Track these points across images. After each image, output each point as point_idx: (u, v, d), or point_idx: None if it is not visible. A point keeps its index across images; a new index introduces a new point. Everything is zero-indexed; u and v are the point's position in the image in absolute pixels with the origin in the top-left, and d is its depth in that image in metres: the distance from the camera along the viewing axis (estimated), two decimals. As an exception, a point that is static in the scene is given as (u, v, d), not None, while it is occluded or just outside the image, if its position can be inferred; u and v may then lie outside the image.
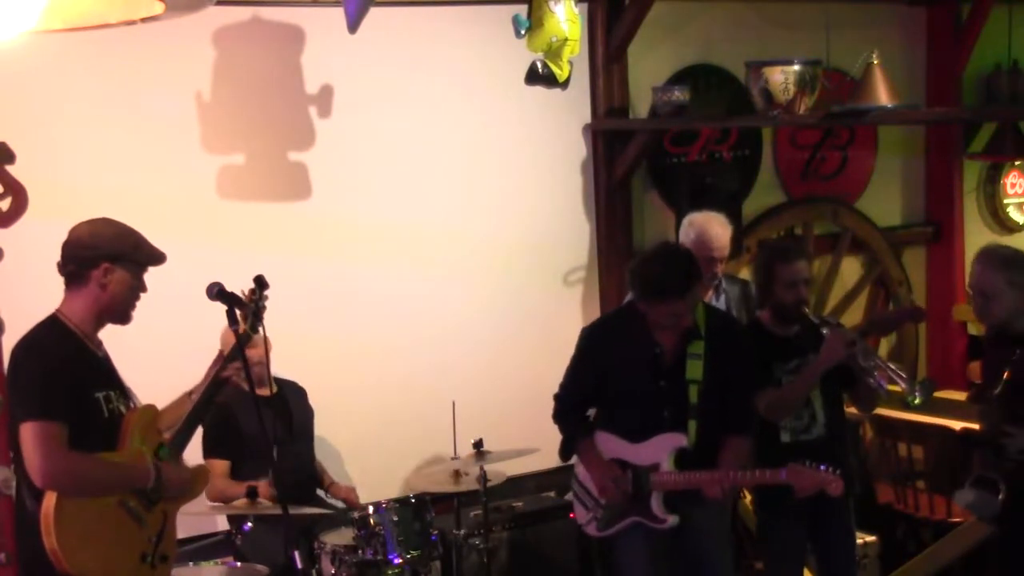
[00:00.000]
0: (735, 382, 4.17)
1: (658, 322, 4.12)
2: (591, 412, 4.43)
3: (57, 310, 3.42)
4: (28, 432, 3.17)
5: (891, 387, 4.35)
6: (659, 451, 4.11)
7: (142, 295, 3.51)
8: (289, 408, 4.98)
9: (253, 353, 4.78)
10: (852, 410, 4.70)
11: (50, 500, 3.21)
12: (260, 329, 3.77)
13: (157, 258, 3.51)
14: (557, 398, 4.44)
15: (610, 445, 4.22)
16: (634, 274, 4.17)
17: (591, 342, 4.35)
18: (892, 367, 4.37)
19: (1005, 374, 4.15)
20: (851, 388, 4.45)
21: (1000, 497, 4.09)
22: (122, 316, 3.48)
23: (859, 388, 4.41)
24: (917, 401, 4.28)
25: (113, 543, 3.33)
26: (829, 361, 4.25)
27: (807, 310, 4.38)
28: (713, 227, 4.90)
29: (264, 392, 4.88)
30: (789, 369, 4.35)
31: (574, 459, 4.40)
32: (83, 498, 3.28)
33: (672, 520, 4.13)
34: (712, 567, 4.27)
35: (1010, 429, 4.12)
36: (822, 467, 4.02)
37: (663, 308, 4.05)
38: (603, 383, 4.25)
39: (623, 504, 4.18)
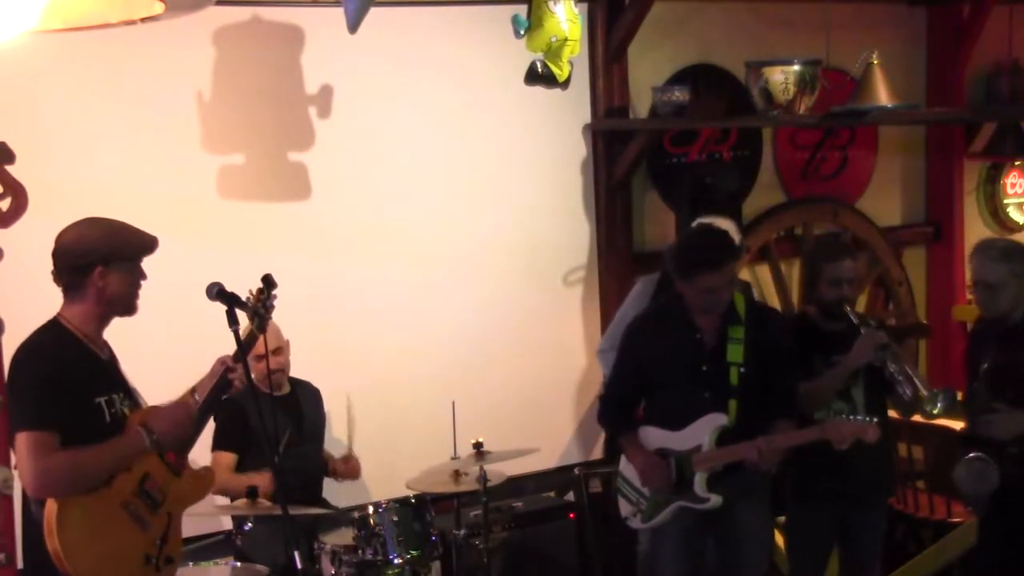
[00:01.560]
0: (777, 368, 4.26)
1: (697, 303, 4.21)
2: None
3: (58, 314, 3.39)
4: (21, 442, 3.14)
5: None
6: (700, 433, 4.21)
7: (144, 283, 3.47)
8: (301, 408, 4.99)
9: (277, 360, 4.80)
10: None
11: (52, 503, 3.19)
12: (267, 328, 3.76)
13: (148, 246, 3.47)
14: (601, 399, 4.58)
15: (652, 437, 4.32)
16: (671, 254, 4.30)
17: (633, 335, 4.45)
18: (919, 377, 4.40)
19: (991, 354, 4.23)
20: (890, 392, 4.49)
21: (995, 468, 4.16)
22: (127, 309, 3.46)
23: (895, 396, 4.46)
24: (936, 411, 4.31)
25: (116, 545, 3.31)
26: (857, 361, 4.35)
27: (848, 309, 4.41)
28: None
29: (278, 392, 4.90)
30: (830, 363, 4.39)
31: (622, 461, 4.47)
32: (84, 492, 3.24)
33: (715, 499, 4.21)
34: (747, 559, 4.34)
35: (997, 405, 4.18)
36: (857, 417, 4.10)
37: (699, 283, 4.14)
38: (647, 374, 4.34)
39: (667, 491, 4.26)
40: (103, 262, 3.35)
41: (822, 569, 4.63)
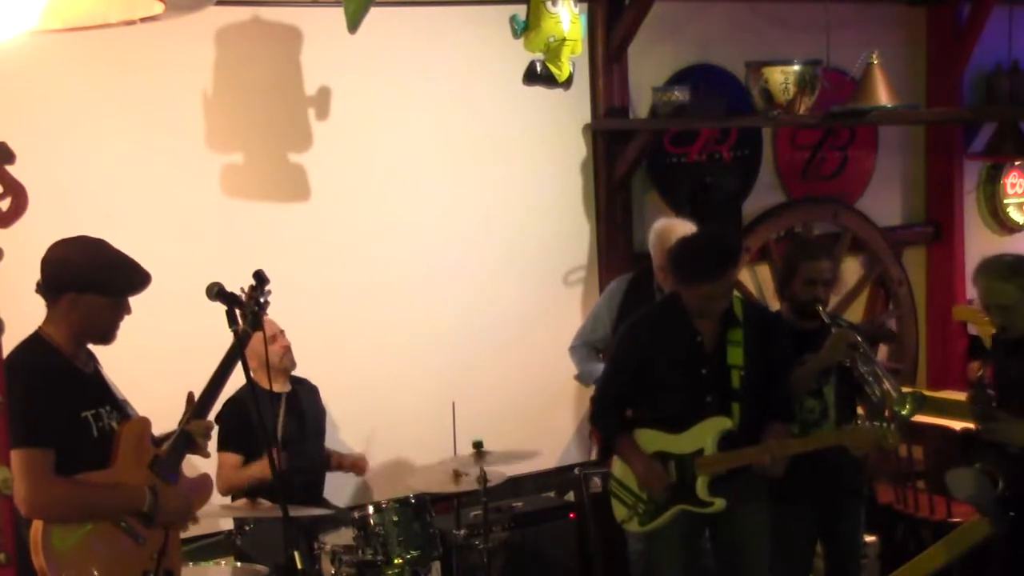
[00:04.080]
0: (774, 370, 4.25)
1: (696, 307, 4.18)
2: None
3: (40, 327, 3.34)
4: (14, 460, 3.02)
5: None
6: (702, 436, 4.19)
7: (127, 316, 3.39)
8: (302, 406, 5.00)
9: (278, 346, 4.79)
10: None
11: (38, 522, 3.13)
12: (261, 325, 3.71)
13: (135, 286, 3.37)
14: (594, 400, 4.52)
15: (652, 440, 4.27)
16: (672, 258, 4.25)
17: (631, 337, 4.40)
18: (889, 378, 4.39)
19: (993, 362, 4.24)
20: (859, 392, 4.48)
21: (999, 488, 4.14)
22: (100, 338, 3.38)
23: (864, 396, 4.45)
24: (905, 412, 4.31)
25: (108, 562, 3.23)
26: (828, 359, 4.33)
27: (821, 309, 4.40)
28: (680, 231, 4.80)
29: (280, 388, 4.90)
30: (800, 363, 4.38)
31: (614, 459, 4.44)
32: (72, 523, 3.18)
33: (719, 503, 4.18)
34: (752, 562, 4.32)
35: (1002, 415, 4.17)
36: (874, 424, 4.13)
37: (700, 290, 4.11)
38: (644, 376, 4.29)
39: (667, 494, 4.23)
40: (78, 290, 3.28)
41: (807, 569, 4.63)
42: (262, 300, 3.66)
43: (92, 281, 3.30)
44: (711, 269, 4.09)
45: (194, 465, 3.93)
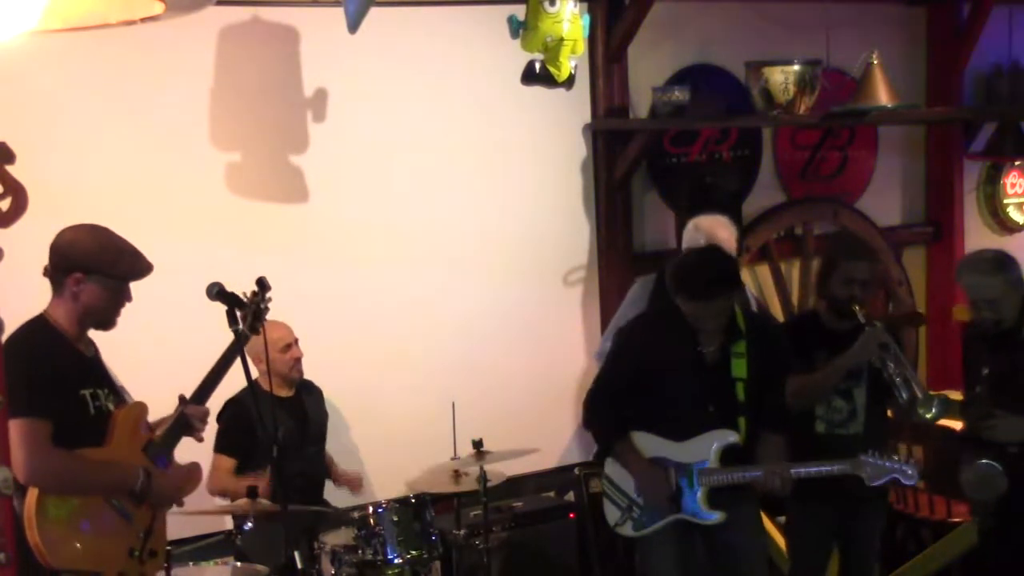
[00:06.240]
0: (773, 381, 4.21)
1: (691, 322, 4.14)
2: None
3: (44, 310, 3.46)
4: (13, 429, 3.09)
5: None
6: (705, 448, 4.15)
7: (146, 281, 3.50)
8: (305, 410, 4.99)
9: (290, 356, 4.80)
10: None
11: (32, 495, 3.23)
12: (259, 330, 3.76)
13: (136, 273, 3.49)
14: (588, 402, 4.45)
15: (650, 445, 4.23)
16: (675, 276, 4.19)
17: (631, 342, 4.37)
18: (917, 381, 4.39)
19: (989, 360, 4.23)
20: (887, 395, 4.45)
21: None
22: (102, 323, 3.50)
23: (892, 399, 4.43)
24: (930, 416, 4.31)
25: (98, 537, 3.35)
26: (859, 357, 4.30)
27: (857, 309, 4.37)
28: (720, 232, 4.83)
29: (284, 393, 4.90)
30: (823, 361, 4.36)
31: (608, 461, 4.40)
32: (66, 495, 3.30)
33: (719, 516, 4.16)
34: (748, 566, 4.31)
35: (996, 412, 4.17)
36: (894, 457, 4.13)
37: (706, 308, 4.08)
38: (643, 383, 4.24)
39: (666, 502, 4.20)
40: (84, 271, 3.40)
41: (822, 569, 4.62)
42: (262, 307, 3.75)
43: (98, 263, 3.42)
44: (699, 291, 4.06)
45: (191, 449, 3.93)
